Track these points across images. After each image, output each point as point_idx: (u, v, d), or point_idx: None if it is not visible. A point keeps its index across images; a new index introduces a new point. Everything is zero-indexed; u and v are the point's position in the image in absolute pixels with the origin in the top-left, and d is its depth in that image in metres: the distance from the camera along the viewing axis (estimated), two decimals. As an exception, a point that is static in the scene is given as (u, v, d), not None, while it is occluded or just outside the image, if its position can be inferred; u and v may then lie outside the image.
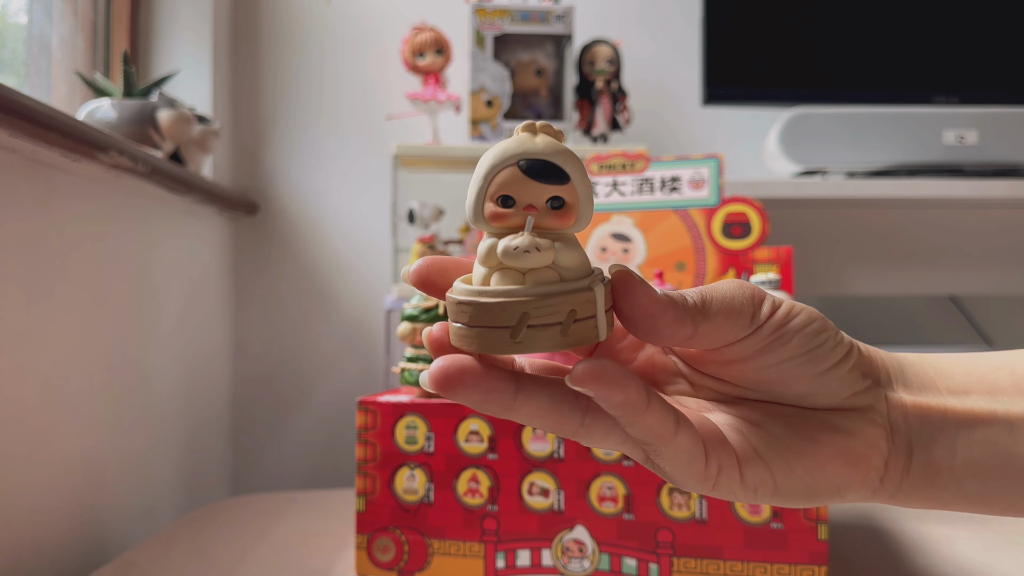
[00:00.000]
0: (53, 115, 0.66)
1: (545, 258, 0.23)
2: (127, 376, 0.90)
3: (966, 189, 1.06)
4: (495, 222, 0.24)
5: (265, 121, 1.34)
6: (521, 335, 0.23)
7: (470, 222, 0.25)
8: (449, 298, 0.24)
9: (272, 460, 1.33)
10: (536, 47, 1.18)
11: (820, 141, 1.10)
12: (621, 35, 1.32)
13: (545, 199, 0.24)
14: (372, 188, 1.34)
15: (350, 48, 1.35)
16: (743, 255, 0.81)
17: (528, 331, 0.23)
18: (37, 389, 0.71)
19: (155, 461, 0.99)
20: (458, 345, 0.24)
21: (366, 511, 0.63)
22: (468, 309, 0.23)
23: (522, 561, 0.61)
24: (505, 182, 0.24)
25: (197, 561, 0.71)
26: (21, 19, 0.93)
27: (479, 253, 0.24)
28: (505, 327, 0.23)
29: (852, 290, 1.16)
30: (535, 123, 0.25)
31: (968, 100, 1.19)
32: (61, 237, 0.75)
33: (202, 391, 1.17)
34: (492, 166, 0.24)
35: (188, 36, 1.22)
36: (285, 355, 1.33)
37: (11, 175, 0.68)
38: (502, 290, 0.23)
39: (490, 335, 0.23)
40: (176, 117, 0.91)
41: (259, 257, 1.34)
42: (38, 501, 0.71)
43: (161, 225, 1.00)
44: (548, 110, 1.19)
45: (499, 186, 0.24)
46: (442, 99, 1.15)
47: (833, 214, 1.15)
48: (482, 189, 0.24)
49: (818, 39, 1.23)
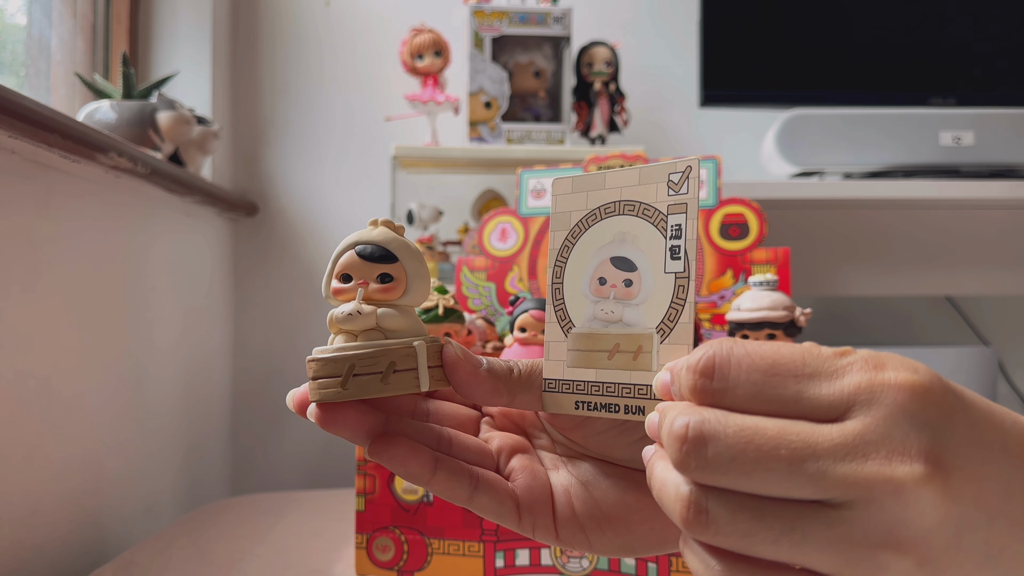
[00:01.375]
0: (53, 116, 0.67)
1: (367, 321, 0.28)
2: (127, 376, 0.90)
3: (963, 190, 1.06)
4: (336, 295, 0.30)
5: (264, 122, 1.34)
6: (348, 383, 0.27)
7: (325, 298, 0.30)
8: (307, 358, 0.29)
9: (272, 460, 1.33)
10: (534, 49, 1.18)
11: (817, 142, 1.10)
12: (619, 37, 1.32)
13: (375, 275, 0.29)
14: (371, 189, 1.34)
15: (349, 50, 1.35)
16: (741, 256, 0.81)
17: (354, 379, 0.27)
18: (37, 389, 0.71)
19: (155, 461, 0.99)
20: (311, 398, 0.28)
21: (366, 511, 0.63)
22: (314, 365, 0.28)
23: (521, 560, 0.61)
24: (345, 264, 0.30)
25: (197, 561, 0.71)
26: (20, 20, 0.93)
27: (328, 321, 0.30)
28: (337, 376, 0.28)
29: (849, 291, 1.16)
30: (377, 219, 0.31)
31: (965, 101, 1.19)
32: (61, 238, 0.76)
33: (202, 391, 1.17)
34: (339, 252, 0.30)
35: (187, 37, 1.22)
36: (284, 355, 1.33)
37: (11, 176, 0.68)
38: (335, 347, 0.28)
39: (326, 385, 0.28)
40: (175, 118, 0.91)
41: (258, 258, 1.34)
42: (38, 501, 0.71)
43: (161, 226, 1.01)
44: (546, 112, 1.19)
45: (342, 267, 0.30)
46: (441, 101, 1.16)
47: (830, 215, 1.15)
48: (330, 270, 0.30)
49: (815, 41, 1.24)
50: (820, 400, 0.22)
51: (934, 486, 0.20)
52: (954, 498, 0.21)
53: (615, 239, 0.29)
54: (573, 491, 0.31)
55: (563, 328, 0.30)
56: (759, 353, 0.23)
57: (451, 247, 1.23)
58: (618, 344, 0.28)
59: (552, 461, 0.32)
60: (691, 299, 0.27)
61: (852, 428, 0.21)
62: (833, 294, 1.18)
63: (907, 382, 0.21)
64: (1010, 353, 1.39)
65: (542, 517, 0.30)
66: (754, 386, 0.22)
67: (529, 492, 0.30)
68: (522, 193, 0.88)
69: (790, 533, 0.21)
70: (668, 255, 0.28)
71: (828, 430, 0.21)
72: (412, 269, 0.30)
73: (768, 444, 0.21)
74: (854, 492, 0.21)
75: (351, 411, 0.28)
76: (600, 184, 0.30)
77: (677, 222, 0.28)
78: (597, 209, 0.30)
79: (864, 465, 0.21)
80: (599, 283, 0.30)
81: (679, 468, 0.22)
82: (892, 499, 0.20)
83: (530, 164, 1.09)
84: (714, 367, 0.23)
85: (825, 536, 0.21)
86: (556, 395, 0.30)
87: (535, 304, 0.63)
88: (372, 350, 0.28)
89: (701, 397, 0.23)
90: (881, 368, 0.22)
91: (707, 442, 0.22)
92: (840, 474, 0.21)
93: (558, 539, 0.30)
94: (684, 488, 0.22)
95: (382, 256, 0.29)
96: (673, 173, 0.28)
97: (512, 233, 0.88)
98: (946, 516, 0.21)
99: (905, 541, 0.20)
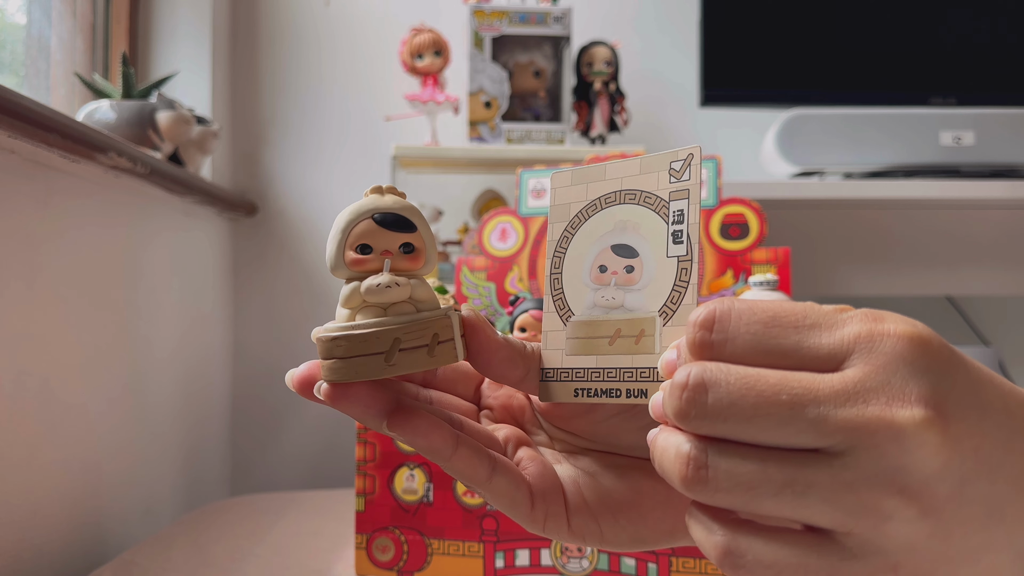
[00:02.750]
0: (52, 116, 0.67)
1: (404, 292, 0.27)
2: (126, 376, 0.90)
3: (963, 190, 1.06)
4: (355, 267, 0.27)
5: (264, 122, 1.34)
6: (395, 358, 0.26)
7: (331, 270, 0.28)
8: (322, 337, 0.27)
9: (272, 460, 1.33)
10: (534, 48, 1.18)
11: (817, 142, 1.10)
12: (619, 37, 1.32)
13: (398, 245, 0.28)
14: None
15: (349, 49, 1.35)
16: (741, 256, 0.81)
17: (400, 354, 0.26)
18: (36, 390, 0.71)
19: (154, 461, 0.99)
20: (333, 379, 0.27)
21: (365, 511, 0.63)
22: (343, 343, 0.26)
23: (521, 561, 0.61)
24: (362, 232, 0.28)
25: (197, 561, 0.71)
26: (20, 20, 0.93)
27: (342, 296, 0.28)
28: (379, 353, 0.26)
29: (849, 290, 1.16)
30: (381, 186, 0.29)
31: (965, 101, 1.19)
32: (60, 238, 0.76)
33: (201, 391, 1.17)
34: (349, 220, 0.28)
35: (187, 37, 1.22)
36: (284, 355, 1.33)
37: (11, 176, 0.68)
38: (374, 321, 0.27)
39: (366, 362, 0.26)
40: (175, 118, 0.91)
41: (258, 258, 1.34)
42: (37, 502, 0.71)
43: (160, 226, 1.00)
44: (546, 111, 1.19)
45: (357, 236, 0.28)
46: (440, 100, 1.16)
47: (830, 215, 1.15)
48: (342, 240, 0.28)
49: (815, 41, 1.24)
50: (820, 349, 0.22)
51: (934, 431, 0.21)
52: (954, 447, 0.21)
53: (616, 227, 0.29)
54: (582, 481, 0.30)
55: (562, 317, 0.30)
56: (760, 306, 0.23)
57: (451, 247, 1.23)
58: (619, 329, 0.28)
59: (553, 456, 0.32)
60: (694, 281, 0.27)
61: (852, 375, 0.21)
62: (833, 294, 1.18)
63: (906, 332, 0.22)
64: (1010, 353, 1.39)
65: (555, 506, 0.29)
66: (754, 337, 0.23)
67: (541, 480, 0.29)
68: (522, 193, 0.88)
69: (792, 484, 0.21)
70: (670, 240, 0.28)
71: (829, 377, 0.21)
72: (428, 238, 0.29)
73: (770, 390, 0.21)
74: (855, 437, 0.21)
75: (364, 387, 0.27)
76: (600, 175, 0.30)
77: (679, 207, 0.28)
78: (597, 199, 0.30)
79: (865, 409, 0.21)
80: (599, 271, 0.29)
81: (680, 418, 0.22)
82: (893, 444, 0.20)
83: (530, 164, 1.09)
84: (714, 319, 0.23)
85: (829, 484, 0.21)
86: (554, 384, 0.30)
87: (535, 304, 0.63)
88: (415, 320, 0.27)
89: (701, 350, 0.23)
90: (880, 320, 0.22)
91: (708, 388, 0.22)
92: (841, 418, 0.21)
93: (570, 530, 0.29)
94: (684, 447, 0.22)
95: (405, 224, 0.28)
96: (675, 161, 0.28)
97: (512, 233, 0.88)
98: (947, 464, 0.21)
99: (908, 487, 0.21)
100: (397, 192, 0.29)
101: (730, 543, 0.22)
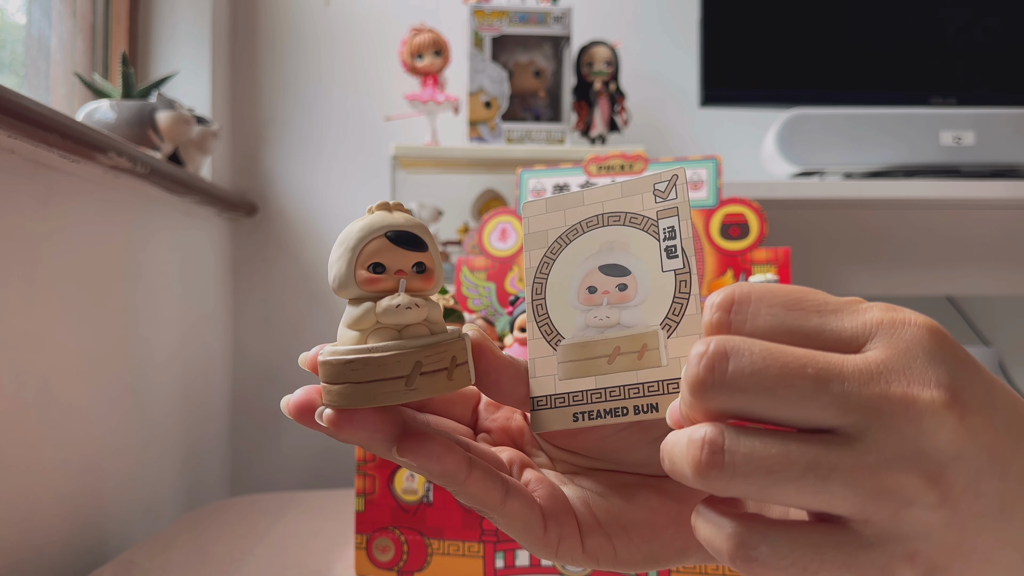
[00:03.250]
0: (52, 116, 0.67)
1: (421, 314, 0.26)
2: (126, 376, 0.90)
3: (963, 190, 1.06)
4: (368, 286, 0.26)
5: (264, 122, 1.34)
6: (416, 382, 0.25)
7: (337, 289, 0.27)
8: (332, 361, 0.25)
9: (271, 460, 1.33)
10: (534, 48, 1.18)
11: (817, 142, 1.10)
12: (619, 36, 1.32)
13: (411, 264, 0.26)
14: (371, 189, 1.34)
15: (349, 49, 1.35)
16: (741, 256, 0.81)
17: (421, 378, 0.25)
18: (36, 390, 0.71)
19: (154, 462, 0.99)
20: (343, 405, 0.25)
21: (365, 511, 0.63)
22: (359, 366, 0.25)
23: (521, 561, 0.61)
24: (376, 251, 0.26)
25: (197, 561, 0.71)
26: (20, 20, 0.93)
27: (351, 318, 0.26)
28: (400, 377, 0.25)
29: (849, 290, 1.16)
30: (388, 202, 0.28)
31: (965, 101, 1.19)
32: (60, 238, 0.75)
33: (201, 391, 1.17)
34: (361, 238, 0.26)
35: (187, 37, 1.22)
36: (284, 355, 1.33)
37: (10, 176, 0.68)
38: (394, 344, 0.25)
39: (383, 387, 0.25)
40: (175, 118, 0.91)
41: (258, 258, 1.34)
42: (37, 502, 0.71)
43: (160, 226, 1.00)
44: (546, 111, 1.19)
45: (370, 255, 0.26)
46: (440, 100, 1.16)
47: (831, 215, 1.15)
48: (352, 258, 0.26)
49: (816, 41, 1.24)
50: (843, 332, 0.22)
51: (953, 415, 0.21)
52: (970, 438, 0.21)
53: (602, 248, 0.29)
54: (591, 501, 0.29)
55: (550, 342, 0.29)
56: (782, 289, 0.23)
57: (451, 247, 1.23)
58: (618, 347, 0.28)
59: (556, 478, 0.31)
60: (695, 292, 0.27)
61: (875, 356, 0.21)
62: (833, 294, 1.18)
63: (926, 322, 0.22)
64: (1010, 353, 1.39)
65: (568, 527, 0.28)
66: (774, 318, 0.22)
67: (552, 501, 0.28)
68: (522, 193, 0.88)
69: (815, 468, 0.20)
70: (664, 255, 0.28)
71: (852, 357, 0.21)
72: (437, 257, 0.27)
73: (796, 362, 0.21)
74: (876, 416, 0.21)
75: (372, 411, 0.25)
76: (578, 202, 0.30)
77: (669, 224, 0.28)
78: (578, 224, 0.30)
79: (888, 388, 0.21)
80: (588, 292, 0.29)
81: (697, 389, 0.21)
82: (913, 424, 0.20)
83: (530, 164, 1.09)
84: (733, 300, 0.23)
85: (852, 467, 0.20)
86: (547, 412, 0.29)
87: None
88: (436, 343, 0.25)
89: (719, 330, 0.23)
90: (899, 310, 0.23)
91: (729, 357, 0.21)
92: (865, 395, 0.21)
93: (584, 552, 0.28)
94: (699, 431, 0.22)
95: (418, 243, 0.27)
96: (659, 183, 0.28)
97: (512, 233, 0.88)
98: (963, 452, 0.21)
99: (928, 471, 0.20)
100: (404, 209, 0.28)
101: (743, 535, 0.22)
